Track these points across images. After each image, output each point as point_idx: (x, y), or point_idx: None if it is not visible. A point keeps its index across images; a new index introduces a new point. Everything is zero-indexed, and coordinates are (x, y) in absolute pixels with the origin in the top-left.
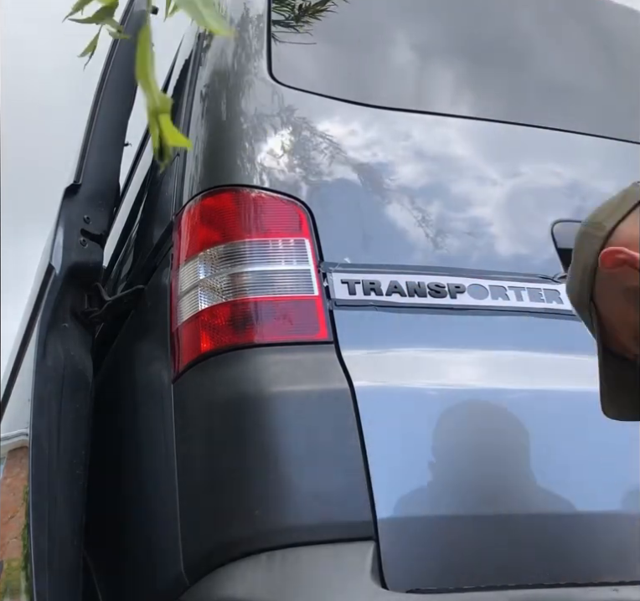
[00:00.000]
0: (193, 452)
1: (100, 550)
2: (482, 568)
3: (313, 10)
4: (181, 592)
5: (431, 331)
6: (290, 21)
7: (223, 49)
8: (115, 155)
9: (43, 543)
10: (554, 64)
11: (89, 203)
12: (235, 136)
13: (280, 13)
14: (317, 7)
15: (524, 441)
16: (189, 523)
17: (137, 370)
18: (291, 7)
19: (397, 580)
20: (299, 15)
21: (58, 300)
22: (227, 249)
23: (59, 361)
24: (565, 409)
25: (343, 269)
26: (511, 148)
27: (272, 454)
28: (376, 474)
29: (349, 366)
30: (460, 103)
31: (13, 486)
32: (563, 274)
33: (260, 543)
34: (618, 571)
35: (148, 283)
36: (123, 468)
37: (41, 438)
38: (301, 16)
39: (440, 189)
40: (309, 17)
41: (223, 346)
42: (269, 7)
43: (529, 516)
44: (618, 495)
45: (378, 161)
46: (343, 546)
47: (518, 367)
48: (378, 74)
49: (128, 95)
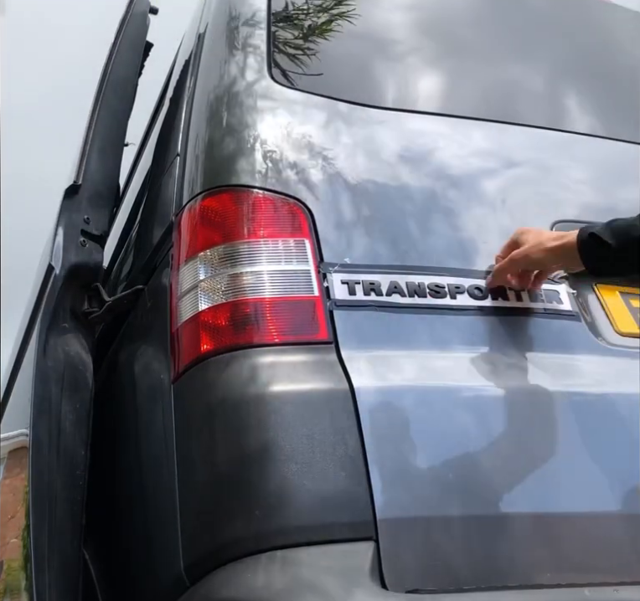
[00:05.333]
0: (193, 452)
1: (100, 550)
2: (483, 568)
3: (314, 10)
4: (181, 592)
5: (431, 332)
6: (290, 21)
7: (223, 50)
8: (115, 155)
9: (43, 543)
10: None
11: (89, 204)
12: (235, 137)
13: (280, 14)
14: (318, 7)
15: (526, 441)
16: (189, 523)
17: (137, 370)
18: (291, 7)
19: (397, 580)
20: (299, 15)
21: (58, 300)
22: (227, 250)
23: (59, 361)
24: (566, 409)
25: (343, 269)
26: (511, 148)
27: (272, 454)
28: (376, 474)
29: (349, 366)
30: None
31: (13, 486)
32: (563, 274)
33: (260, 543)
34: (618, 571)
35: (148, 283)
36: (123, 468)
37: (41, 438)
38: (301, 16)
39: (440, 189)
40: (309, 17)
41: (223, 346)
42: (269, 8)
43: (530, 516)
44: (618, 495)
45: (378, 162)
46: (342, 546)
47: (518, 367)
48: (378, 74)
49: (128, 95)
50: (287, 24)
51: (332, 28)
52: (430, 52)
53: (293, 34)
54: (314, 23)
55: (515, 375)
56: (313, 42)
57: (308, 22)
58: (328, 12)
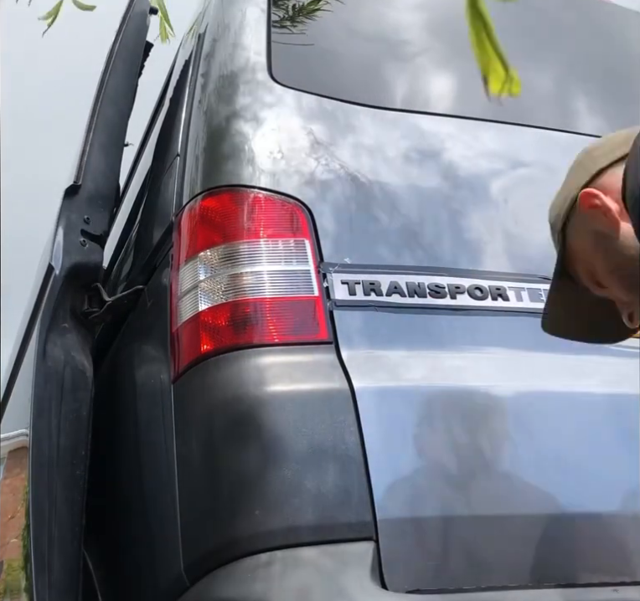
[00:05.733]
0: (193, 452)
1: (100, 550)
2: (482, 568)
3: (314, 10)
4: (181, 592)
5: (431, 332)
6: (290, 21)
7: (223, 50)
8: (115, 155)
9: (43, 543)
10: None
11: (89, 204)
12: (235, 137)
13: (280, 13)
14: (317, 7)
15: (525, 441)
16: (189, 523)
17: (137, 370)
18: (291, 7)
19: (397, 580)
20: (299, 15)
21: (58, 300)
22: (227, 250)
23: (59, 361)
24: (566, 409)
25: (343, 269)
26: (511, 148)
27: (272, 454)
28: (376, 474)
29: (349, 366)
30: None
31: (13, 486)
32: None
33: (260, 543)
34: (618, 571)
35: (148, 283)
36: (123, 468)
37: (41, 438)
38: (301, 16)
39: (440, 190)
40: (309, 17)
41: (223, 346)
42: (269, 8)
43: (530, 516)
44: (618, 495)
45: (378, 162)
46: (342, 546)
47: (518, 367)
48: (378, 74)
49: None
50: (287, 24)
51: (333, 28)
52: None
53: (294, 34)
54: (315, 22)
55: (516, 375)
56: (314, 42)
57: (309, 21)
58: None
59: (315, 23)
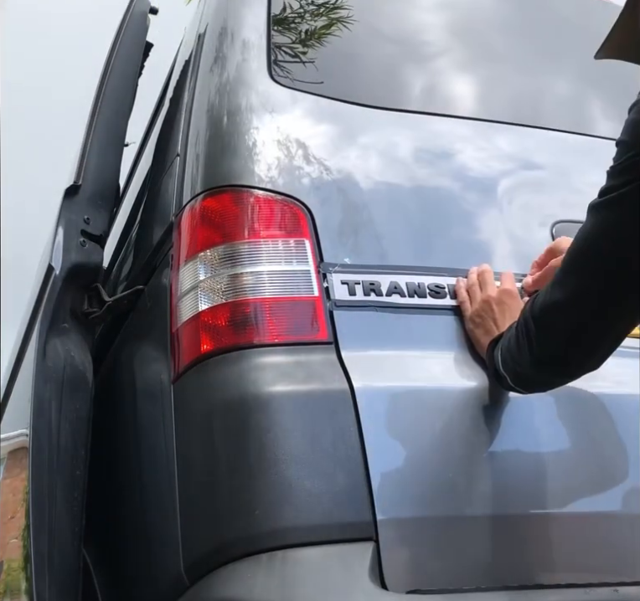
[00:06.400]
0: (193, 452)
1: (100, 550)
2: (482, 569)
3: (314, 10)
4: (181, 592)
5: (431, 332)
6: (290, 21)
7: (223, 50)
8: (115, 155)
9: (43, 543)
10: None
11: (89, 204)
12: (235, 137)
13: (280, 14)
14: (318, 7)
15: (525, 441)
16: (189, 523)
17: (137, 370)
18: (291, 7)
19: (397, 581)
20: (299, 15)
21: (58, 300)
22: (227, 250)
23: (59, 361)
24: (566, 409)
25: (343, 269)
26: (511, 148)
27: (272, 454)
28: (376, 474)
29: (349, 366)
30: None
31: (13, 486)
32: None
33: (260, 543)
34: (618, 571)
35: (148, 283)
36: (123, 468)
37: (41, 438)
38: (301, 16)
39: (440, 190)
40: (309, 17)
41: (223, 346)
42: (269, 7)
43: (530, 516)
44: (618, 495)
45: (378, 162)
46: (342, 546)
47: None
48: (379, 74)
49: (128, 96)
50: (287, 24)
51: (333, 29)
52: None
53: (293, 34)
54: (315, 22)
55: None
56: (314, 42)
57: (309, 21)
58: (329, 11)
59: (315, 23)
